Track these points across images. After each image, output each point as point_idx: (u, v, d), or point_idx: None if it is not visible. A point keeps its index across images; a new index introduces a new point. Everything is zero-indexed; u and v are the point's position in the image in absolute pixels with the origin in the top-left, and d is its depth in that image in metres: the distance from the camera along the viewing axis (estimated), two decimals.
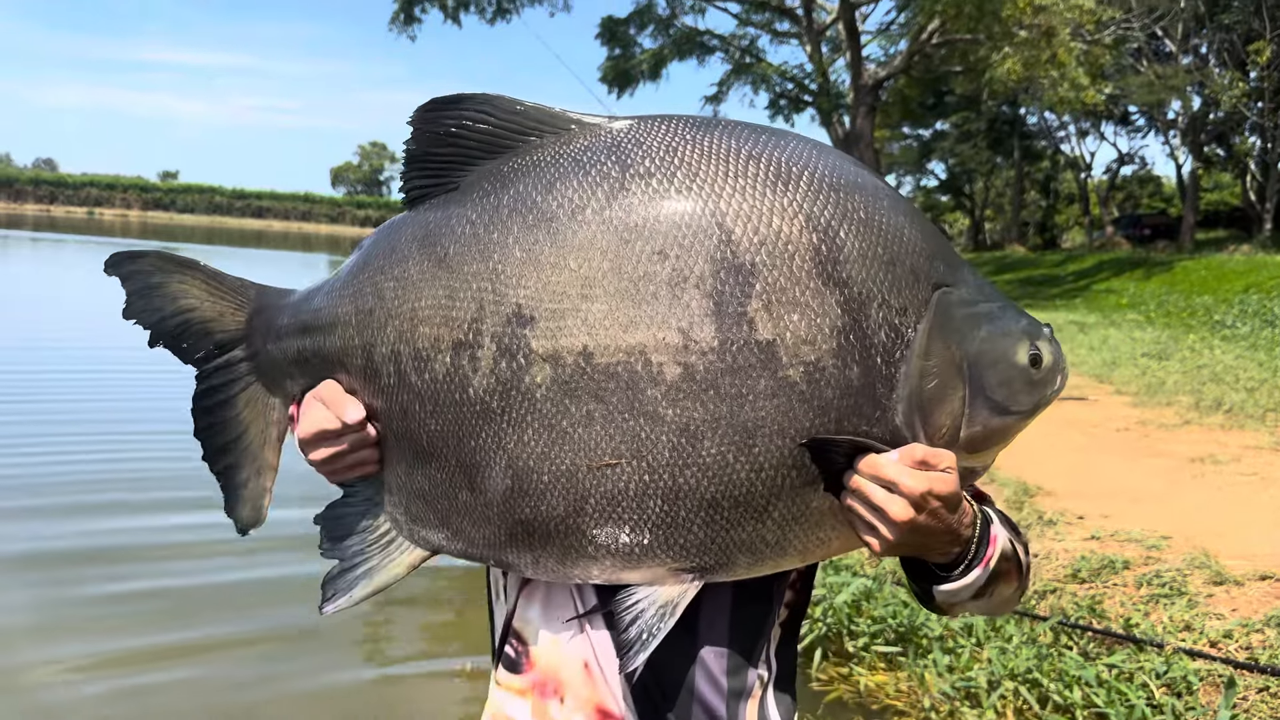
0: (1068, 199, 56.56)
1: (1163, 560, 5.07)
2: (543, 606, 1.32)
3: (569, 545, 1.20)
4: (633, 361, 1.12)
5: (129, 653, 4.44)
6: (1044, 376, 1.25)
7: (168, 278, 1.43)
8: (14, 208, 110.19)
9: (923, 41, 25.21)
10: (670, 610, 1.20)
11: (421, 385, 1.22)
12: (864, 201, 1.19)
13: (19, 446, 7.56)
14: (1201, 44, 37.10)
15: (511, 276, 1.17)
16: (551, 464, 1.16)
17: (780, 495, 1.15)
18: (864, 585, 4.89)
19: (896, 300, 1.17)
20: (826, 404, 1.13)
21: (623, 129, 1.22)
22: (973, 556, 1.21)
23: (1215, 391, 10.31)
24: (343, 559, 1.33)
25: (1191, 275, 23.82)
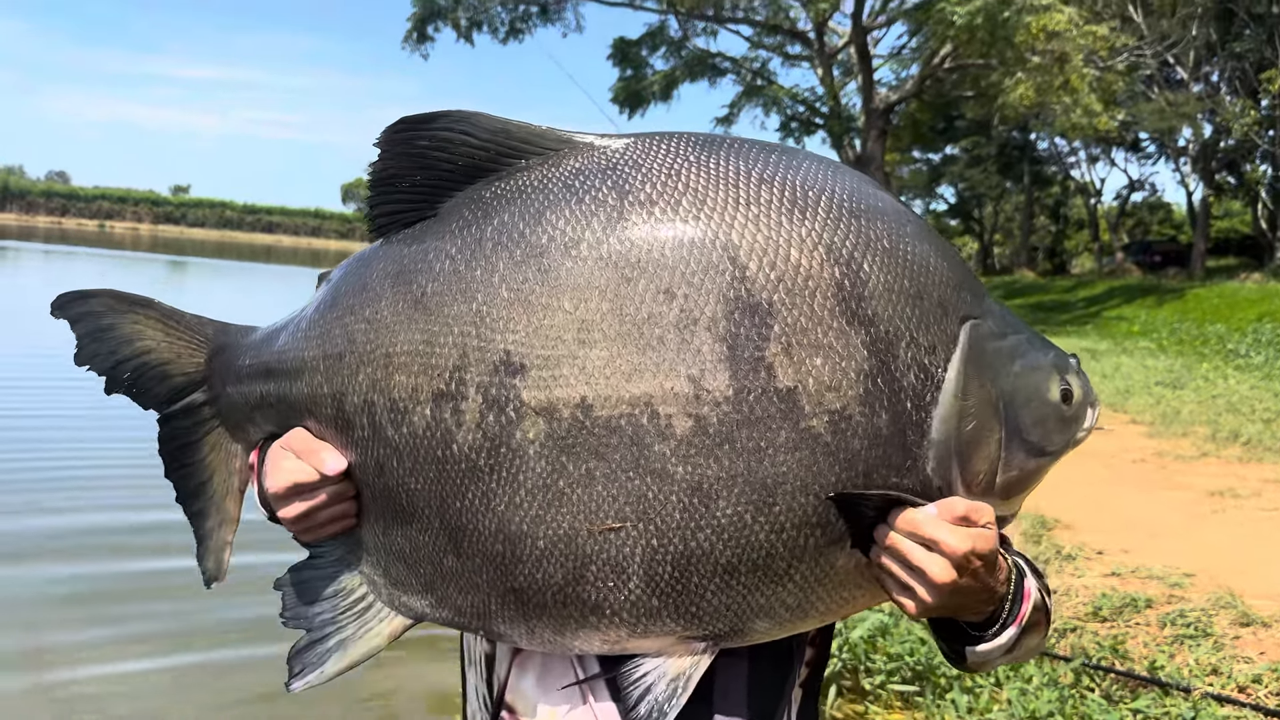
0: (1077, 224, 56.52)
1: (1186, 599, 4.95)
2: (538, 676, 1.20)
3: (568, 615, 1.08)
4: (638, 414, 1.01)
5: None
6: (1076, 413, 1.16)
7: (120, 318, 1.31)
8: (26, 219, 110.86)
9: (934, 66, 25.23)
10: (683, 684, 1.09)
11: (399, 439, 1.09)
12: (887, 229, 1.07)
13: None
14: (1213, 72, 37.10)
15: (498, 319, 1.04)
16: (547, 528, 1.04)
17: (803, 557, 1.04)
18: (880, 621, 4.77)
19: (925, 338, 1.06)
20: (854, 456, 1.01)
21: (619, 149, 1.10)
22: (1007, 615, 1.12)
23: (1232, 422, 10.20)
24: (311, 629, 1.19)
25: (1204, 303, 23.71)
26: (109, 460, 7.64)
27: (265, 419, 1.26)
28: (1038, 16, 20.03)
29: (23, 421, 8.98)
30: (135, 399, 1.33)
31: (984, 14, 20.16)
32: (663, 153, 1.08)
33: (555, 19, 29.01)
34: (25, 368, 11.73)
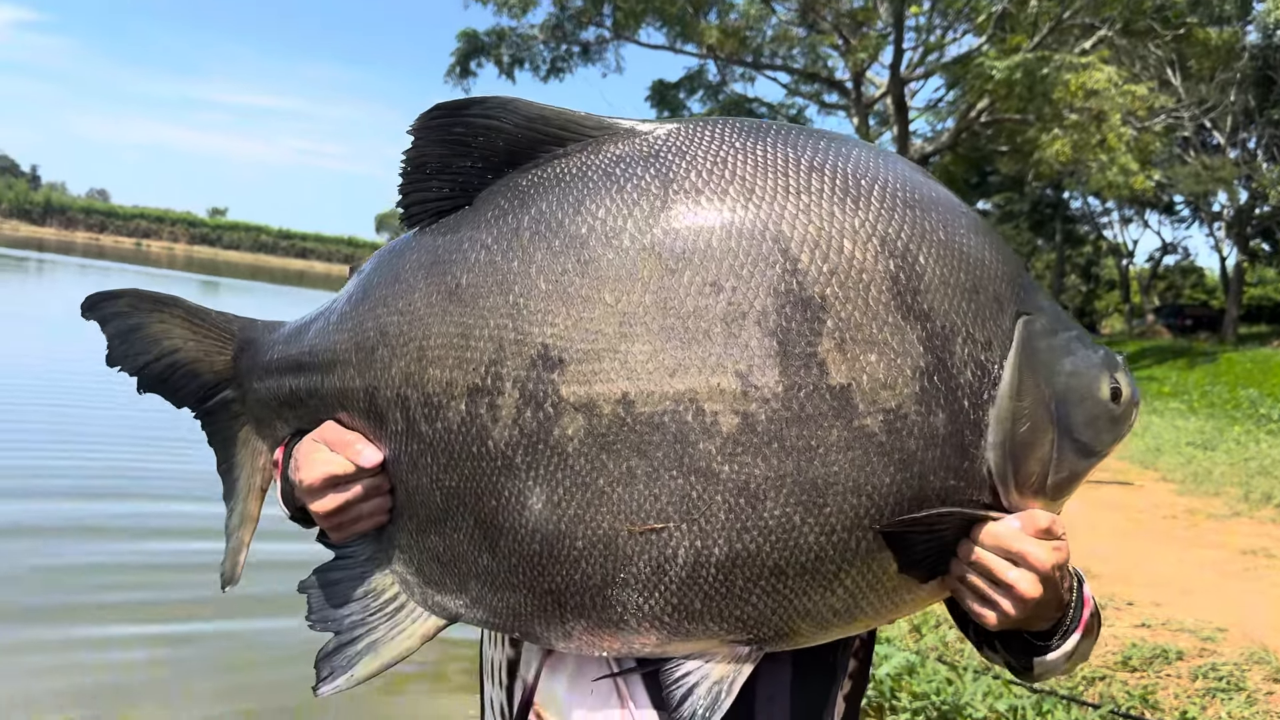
0: (1108, 285, 56.25)
1: (1218, 653, 4.88)
2: (571, 679, 1.14)
3: (606, 617, 1.04)
4: (682, 411, 0.97)
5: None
6: (1124, 411, 1.12)
7: (147, 318, 1.30)
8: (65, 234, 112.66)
9: (971, 120, 25.30)
10: (727, 688, 1.04)
11: (433, 435, 1.06)
12: (942, 220, 1.04)
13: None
14: (1250, 138, 37.03)
15: (535, 312, 1.01)
16: (586, 527, 1.00)
17: (854, 560, 1.00)
18: (907, 659, 4.73)
19: (981, 333, 1.02)
20: (909, 456, 0.98)
21: (662, 135, 1.06)
22: (1070, 621, 1.10)
23: (1265, 485, 10.07)
24: (340, 631, 1.15)
25: (1236, 367, 23.48)
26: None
27: (293, 414, 1.24)
28: (1077, 74, 20.10)
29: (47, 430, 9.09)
30: (167, 398, 1.34)
31: (1022, 69, 20.24)
32: (708, 139, 1.05)
33: (596, 59, 29.33)
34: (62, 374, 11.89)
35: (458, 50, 28.72)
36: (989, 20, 23.37)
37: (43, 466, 7.51)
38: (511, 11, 26.40)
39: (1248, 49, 31.27)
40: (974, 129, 26.00)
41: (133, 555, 5.91)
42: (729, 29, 26.24)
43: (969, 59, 23.36)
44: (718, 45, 26.23)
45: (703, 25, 25.76)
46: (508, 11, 26.57)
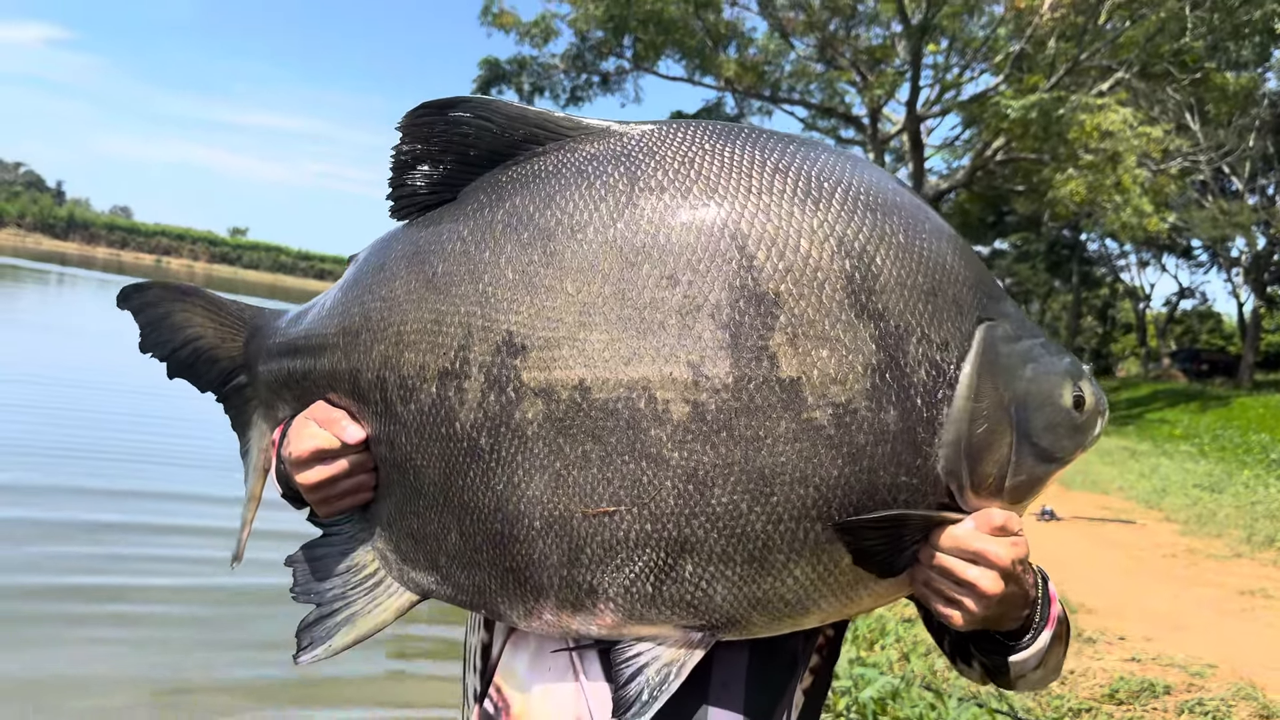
0: (1125, 328, 56.02)
1: (1206, 689, 4.85)
2: (532, 657, 1.18)
3: (564, 597, 1.08)
4: (635, 398, 1.00)
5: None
6: (1087, 420, 1.14)
7: (173, 307, 1.39)
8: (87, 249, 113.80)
9: (986, 158, 25.37)
10: (676, 670, 1.07)
11: (407, 416, 1.11)
12: (903, 223, 1.07)
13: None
14: (1269, 184, 36.98)
15: (502, 300, 1.05)
16: (544, 508, 1.04)
17: (803, 551, 1.03)
18: (891, 684, 4.72)
19: (938, 334, 1.05)
20: (858, 450, 1.00)
21: (635, 136, 1.10)
22: (1039, 618, 1.13)
23: (1269, 528, 9.99)
24: (321, 603, 1.20)
25: (1249, 412, 23.30)
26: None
27: (291, 395, 1.29)
28: (1092, 115, 20.14)
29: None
30: (192, 382, 1.42)
31: (1038, 109, 20.28)
32: (679, 140, 1.08)
33: (615, 89, 29.57)
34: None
35: (479, 78, 29.04)
36: (1006, 60, 23.50)
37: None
38: (533, 41, 26.69)
39: (1267, 95, 31.31)
40: (989, 167, 26.07)
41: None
42: (747, 63, 26.45)
43: (985, 98, 23.44)
44: (736, 78, 26.44)
45: (721, 58, 25.98)
46: (529, 41, 26.86)
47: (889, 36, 26.33)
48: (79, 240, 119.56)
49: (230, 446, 1.46)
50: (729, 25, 26.30)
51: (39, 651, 4.53)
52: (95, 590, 5.32)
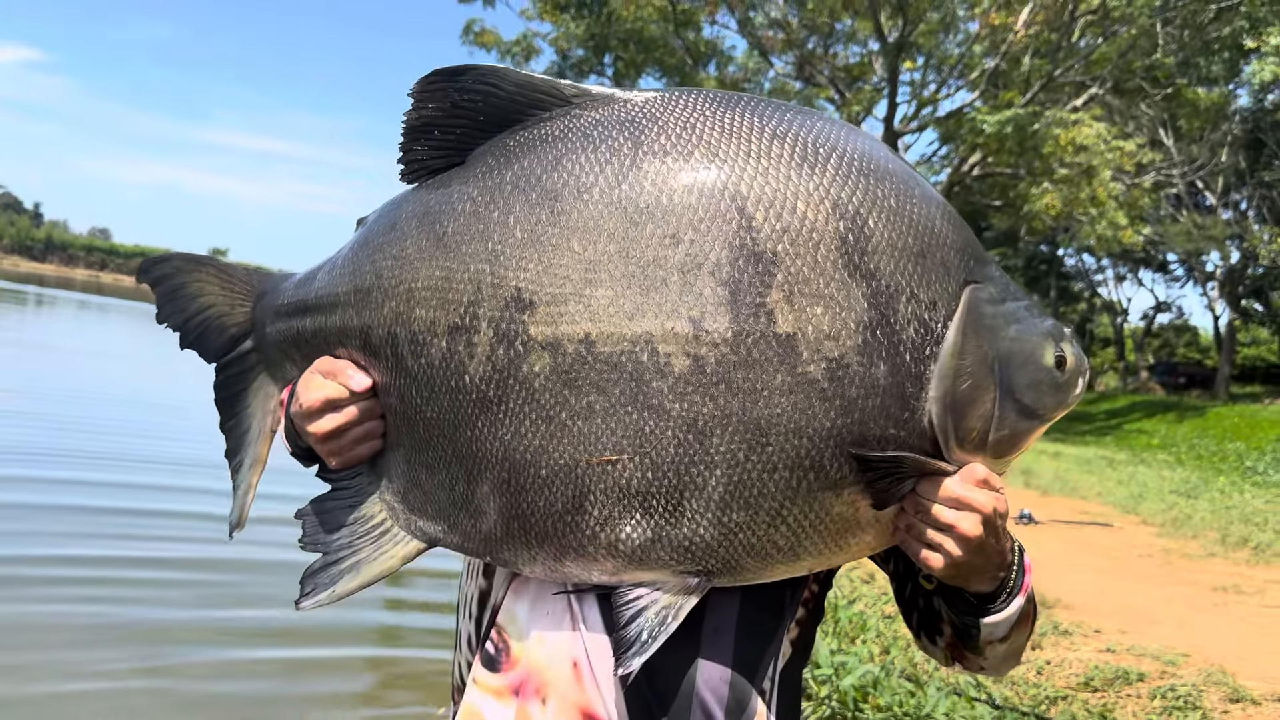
0: (1103, 342, 56.49)
1: (1179, 676, 4.97)
2: (532, 603, 1.23)
3: (567, 543, 1.12)
4: (637, 351, 1.05)
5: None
6: (1068, 379, 1.19)
7: (187, 277, 1.43)
8: (65, 270, 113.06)
9: (963, 173, 25.67)
10: (673, 613, 1.11)
11: (418, 370, 1.15)
12: (895, 189, 1.12)
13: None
14: (1241, 199, 37.51)
15: (511, 258, 1.09)
16: (549, 457, 1.09)
17: (796, 498, 1.07)
18: (872, 673, 4.81)
19: (926, 294, 1.09)
20: (850, 403, 1.05)
21: (639, 102, 1.14)
22: (1013, 584, 1.18)
23: (1243, 530, 10.16)
24: (327, 552, 1.23)
25: (1224, 421, 23.61)
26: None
27: (300, 355, 1.32)
28: (1066, 130, 20.48)
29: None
30: (200, 352, 1.45)
31: (1013, 124, 20.60)
32: (681, 106, 1.13)
33: None
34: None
35: None
36: (982, 77, 23.87)
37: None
38: (515, 60, 26.84)
39: (1238, 112, 31.83)
40: (966, 183, 26.37)
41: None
42: (727, 80, 26.74)
43: (961, 114, 23.79)
44: None
45: (701, 76, 26.24)
46: (511, 59, 27.01)
47: (866, 54, 26.70)
48: (57, 262, 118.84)
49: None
50: (708, 44, 26.63)
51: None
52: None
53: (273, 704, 4.43)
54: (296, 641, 5.09)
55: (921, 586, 1.28)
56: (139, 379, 16.89)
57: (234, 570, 5.96)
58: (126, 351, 23.14)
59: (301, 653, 4.97)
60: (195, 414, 11.36)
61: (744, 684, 1.19)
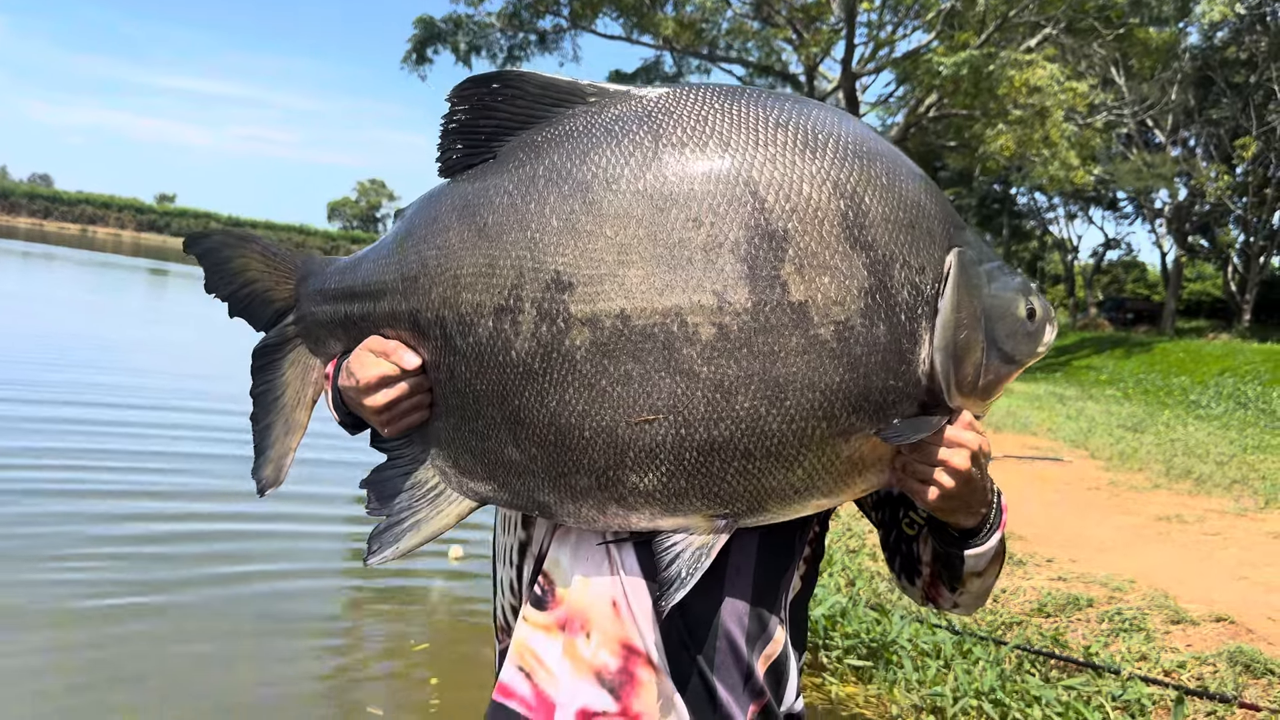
0: (1053, 279, 57.45)
1: (1125, 600, 5.30)
2: (573, 551, 1.36)
3: (609, 495, 1.25)
4: (669, 323, 1.17)
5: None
6: (1038, 328, 1.35)
7: (232, 252, 1.54)
8: (8, 219, 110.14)
9: (920, 114, 25.89)
10: (706, 552, 1.25)
11: (466, 347, 1.26)
12: (885, 168, 1.24)
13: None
14: (1190, 136, 38.13)
15: (549, 245, 1.20)
16: (592, 420, 1.21)
17: (810, 445, 1.20)
18: (840, 604, 5.10)
19: (916, 260, 1.22)
20: (855, 359, 1.18)
21: (653, 98, 1.25)
22: (994, 519, 1.35)
23: (1186, 462, 10.61)
24: (390, 514, 1.36)
25: (1170, 356, 24.31)
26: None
27: (345, 335, 1.44)
28: (1021, 71, 20.73)
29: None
30: (249, 320, 1.57)
31: (969, 66, 20.80)
32: (692, 101, 1.24)
33: (553, 48, 29.49)
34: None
35: (414, 37, 28.74)
36: (938, 17, 23.94)
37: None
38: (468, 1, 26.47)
39: (1188, 50, 32.23)
40: (923, 124, 26.60)
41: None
42: (685, 21, 26.57)
43: (918, 55, 23.91)
44: (674, 37, 26.56)
45: (659, 17, 26.07)
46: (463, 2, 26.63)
47: None
48: None
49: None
50: None
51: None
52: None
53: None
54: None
55: (904, 534, 1.47)
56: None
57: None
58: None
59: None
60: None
61: (762, 614, 1.36)
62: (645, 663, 1.32)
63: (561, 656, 1.35)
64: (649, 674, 1.32)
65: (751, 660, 1.35)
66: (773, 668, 1.38)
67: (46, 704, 3.80)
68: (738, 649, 1.34)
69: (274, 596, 5.23)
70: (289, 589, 5.37)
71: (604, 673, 1.33)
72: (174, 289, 33.69)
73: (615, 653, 1.33)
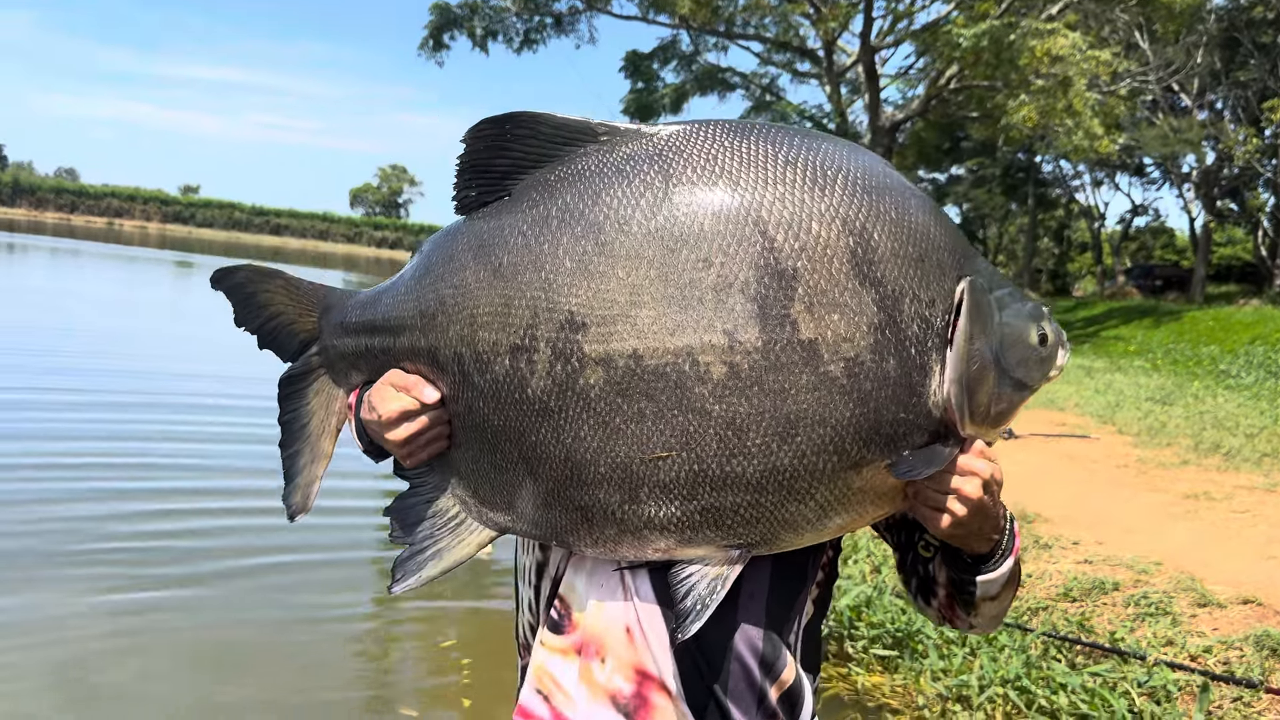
0: (1080, 247, 56.93)
1: (1151, 583, 5.31)
2: (588, 577, 1.39)
3: (624, 528, 1.27)
4: (680, 362, 1.18)
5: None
6: (1050, 353, 1.36)
7: (257, 287, 1.57)
8: (35, 214, 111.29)
9: (940, 86, 25.63)
10: (721, 583, 1.28)
11: (483, 384, 1.29)
12: (894, 202, 1.25)
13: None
14: (1217, 99, 37.55)
15: (563, 286, 1.22)
16: (607, 456, 1.23)
17: (822, 478, 1.22)
18: (865, 593, 5.14)
19: (926, 294, 1.23)
20: (865, 395, 1.20)
21: (664, 137, 1.27)
22: (1006, 545, 1.37)
23: (1215, 435, 10.54)
24: (413, 543, 1.39)
25: (1199, 325, 24.05)
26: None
27: (367, 367, 1.47)
28: (1042, 41, 20.47)
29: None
30: (276, 352, 1.61)
31: (989, 37, 20.57)
32: (702, 139, 1.25)
33: (569, 30, 29.41)
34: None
35: (430, 23, 28.75)
36: None
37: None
38: None
39: (1213, 11, 31.69)
40: (944, 96, 26.33)
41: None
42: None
43: (937, 27, 23.66)
44: (690, 15, 26.38)
45: None
46: None
47: None
48: (26, 205, 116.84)
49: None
50: None
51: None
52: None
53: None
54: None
55: (920, 555, 1.49)
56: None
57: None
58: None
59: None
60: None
61: (775, 640, 1.38)
62: (659, 688, 1.35)
63: (578, 681, 1.39)
64: (663, 699, 1.35)
65: (765, 686, 1.38)
66: (786, 694, 1.41)
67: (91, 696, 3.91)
68: (751, 674, 1.37)
69: (303, 590, 5.33)
70: (319, 581, 5.48)
71: (619, 697, 1.36)
72: (200, 282, 33.91)
73: (629, 678, 1.36)
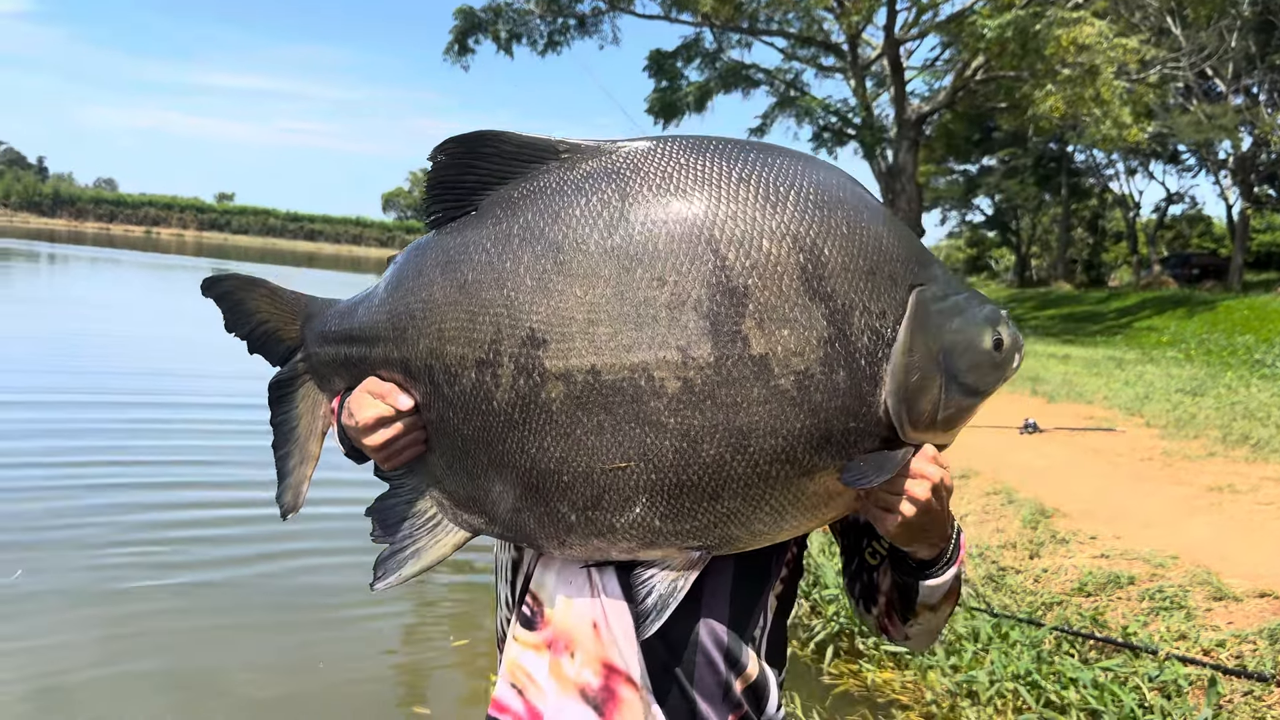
0: (1115, 237, 56.16)
1: (1167, 577, 5.27)
2: (557, 575, 1.46)
3: (589, 531, 1.33)
4: (636, 378, 1.23)
5: None
6: (1005, 357, 1.39)
7: (244, 295, 1.63)
8: (75, 225, 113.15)
9: (967, 78, 25.42)
10: (682, 583, 1.34)
11: (452, 395, 1.34)
12: (846, 216, 1.28)
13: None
14: (1253, 84, 36.93)
15: (524, 303, 1.27)
16: (570, 466, 1.28)
17: (775, 485, 1.27)
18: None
19: (876, 306, 1.27)
20: (816, 406, 1.24)
21: (623, 155, 1.31)
22: (951, 555, 1.42)
23: (1245, 426, 10.37)
24: (393, 542, 1.44)
25: (1234, 314, 23.71)
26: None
27: (347, 374, 1.52)
28: (1068, 30, 20.25)
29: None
30: (265, 357, 1.65)
31: (1014, 27, 20.40)
32: (659, 157, 1.30)
33: (593, 31, 29.48)
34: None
35: (455, 27, 28.93)
36: None
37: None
38: None
39: None
40: (971, 87, 26.12)
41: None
42: None
43: (962, 17, 23.47)
44: (713, 12, 26.34)
45: None
46: None
47: None
48: (66, 216, 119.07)
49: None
50: None
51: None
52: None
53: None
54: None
55: (866, 562, 1.53)
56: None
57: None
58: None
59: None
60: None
61: (737, 636, 1.45)
62: (626, 681, 1.41)
63: (549, 675, 1.45)
64: (630, 692, 1.41)
65: (730, 679, 1.44)
66: (751, 687, 1.47)
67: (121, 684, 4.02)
68: (716, 668, 1.43)
69: (318, 588, 5.43)
70: (332, 581, 5.58)
71: (588, 690, 1.42)
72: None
73: (597, 672, 1.42)
